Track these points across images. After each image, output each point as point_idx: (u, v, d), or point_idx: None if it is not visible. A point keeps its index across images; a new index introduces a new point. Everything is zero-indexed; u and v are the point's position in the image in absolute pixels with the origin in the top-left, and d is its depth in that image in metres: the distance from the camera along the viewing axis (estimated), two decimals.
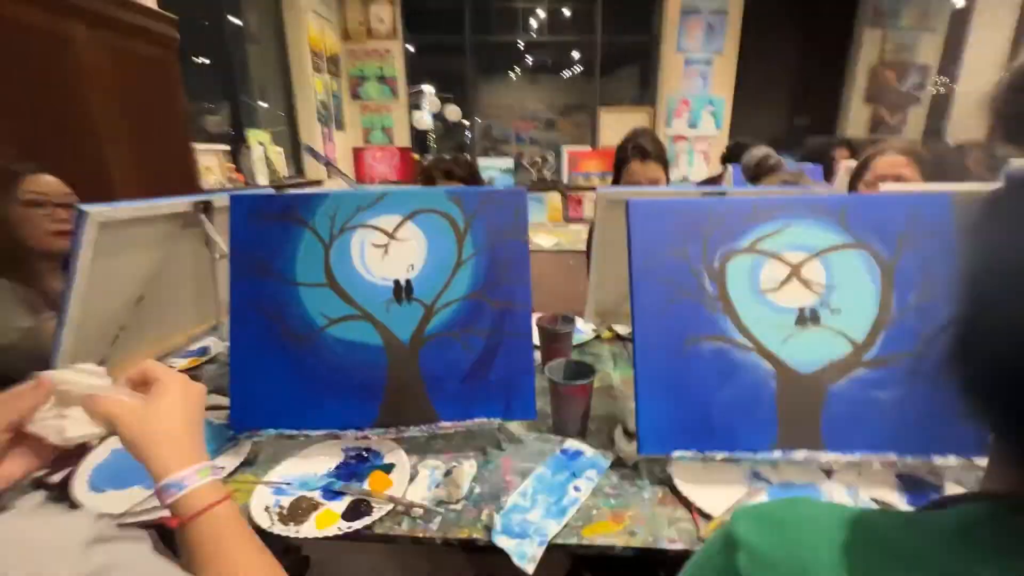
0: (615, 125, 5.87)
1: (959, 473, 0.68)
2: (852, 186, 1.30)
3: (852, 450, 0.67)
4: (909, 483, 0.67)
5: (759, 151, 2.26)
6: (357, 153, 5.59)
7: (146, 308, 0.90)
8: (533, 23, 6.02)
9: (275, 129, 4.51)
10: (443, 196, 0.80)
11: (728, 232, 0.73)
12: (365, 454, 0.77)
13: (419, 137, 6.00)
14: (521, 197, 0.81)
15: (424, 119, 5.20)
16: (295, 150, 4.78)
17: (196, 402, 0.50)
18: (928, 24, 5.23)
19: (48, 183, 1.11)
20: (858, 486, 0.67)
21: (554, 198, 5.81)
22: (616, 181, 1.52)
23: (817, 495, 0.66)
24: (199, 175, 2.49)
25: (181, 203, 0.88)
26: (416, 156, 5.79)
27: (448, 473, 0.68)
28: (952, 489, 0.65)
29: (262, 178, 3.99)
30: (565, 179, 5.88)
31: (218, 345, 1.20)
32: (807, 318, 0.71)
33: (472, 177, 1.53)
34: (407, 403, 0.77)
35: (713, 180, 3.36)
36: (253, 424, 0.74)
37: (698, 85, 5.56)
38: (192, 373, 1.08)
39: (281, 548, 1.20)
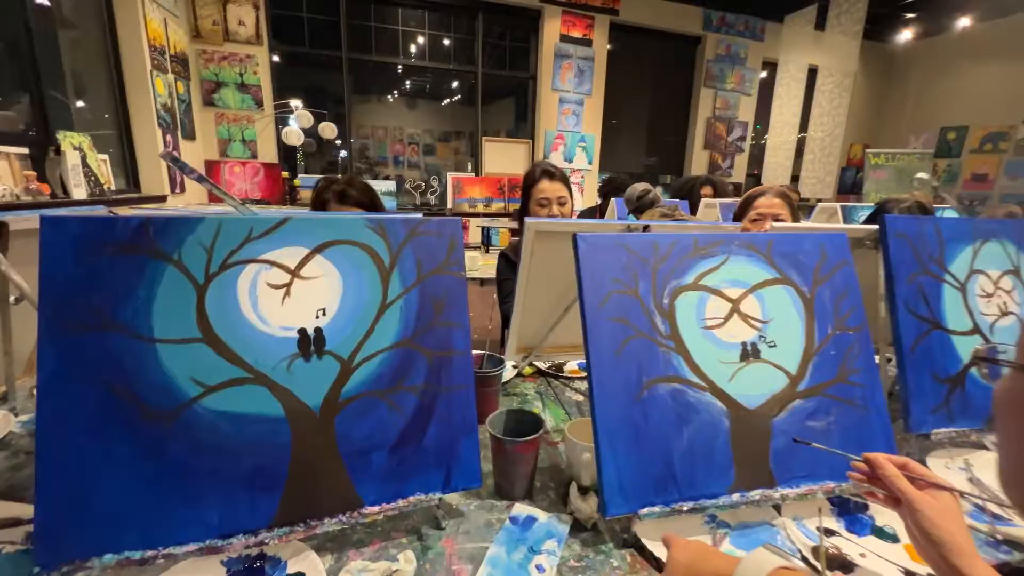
0: (498, 154, 6.03)
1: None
2: (736, 220, 1.45)
3: (798, 483, 0.68)
4: (841, 506, 0.71)
5: (639, 186, 2.45)
6: (211, 166, 4.87)
7: None
8: (413, 48, 5.96)
9: (97, 132, 3.71)
10: (362, 224, 0.66)
11: (674, 267, 0.72)
12: (259, 564, 0.57)
13: (289, 153, 5.46)
14: (455, 227, 0.71)
15: (296, 135, 4.74)
16: (127, 159, 3.99)
17: None
18: (745, 88, 6.39)
19: None
20: (803, 518, 0.68)
21: None
22: (525, 204, 1.55)
23: (773, 535, 0.65)
24: None
25: None
26: (285, 174, 5.25)
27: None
28: (878, 510, 0.70)
29: (79, 190, 3.23)
30: (449, 204, 5.84)
31: (7, 421, 0.85)
32: (749, 352, 0.72)
33: (371, 202, 1.36)
34: (319, 488, 0.59)
35: (592, 211, 3.61)
36: (76, 552, 0.50)
37: (571, 122, 6.01)
38: None
39: None
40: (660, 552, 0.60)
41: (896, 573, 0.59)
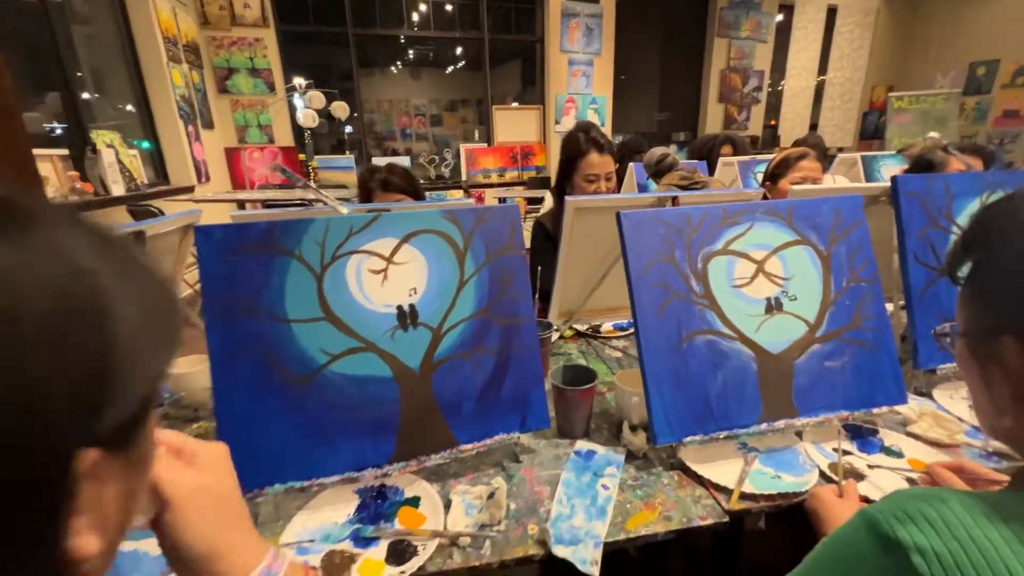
0: (509, 122, 6.00)
1: (888, 418, 0.86)
2: (770, 182, 1.53)
3: (816, 413, 0.80)
4: (854, 432, 0.83)
5: (657, 151, 2.50)
6: (231, 154, 4.98)
7: None
8: (416, 17, 5.87)
9: (119, 123, 3.82)
10: (439, 216, 0.78)
11: (706, 236, 0.82)
12: (383, 491, 0.73)
13: (298, 135, 5.52)
14: (515, 213, 0.82)
15: (311, 116, 4.80)
16: (155, 152, 4.11)
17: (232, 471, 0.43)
18: (760, 35, 6.17)
19: None
20: (821, 442, 0.80)
21: (457, 196, 5.79)
22: (567, 173, 1.49)
23: (795, 456, 0.78)
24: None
25: None
26: (302, 156, 5.34)
27: (491, 496, 0.67)
28: (886, 433, 0.82)
29: (117, 187, 3.38)
30: (463, 176, 5.89)
31: None
32: (773, 306, 0.83)
33: (412, 186, 1.47)
34: (424, 432, 0.74)
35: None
36: (254, 483, 0.66)
37: (582, 84, 5.92)
38: None
39: None
40: (702, 472, 0.74)
41: (900, 479, 0.72)
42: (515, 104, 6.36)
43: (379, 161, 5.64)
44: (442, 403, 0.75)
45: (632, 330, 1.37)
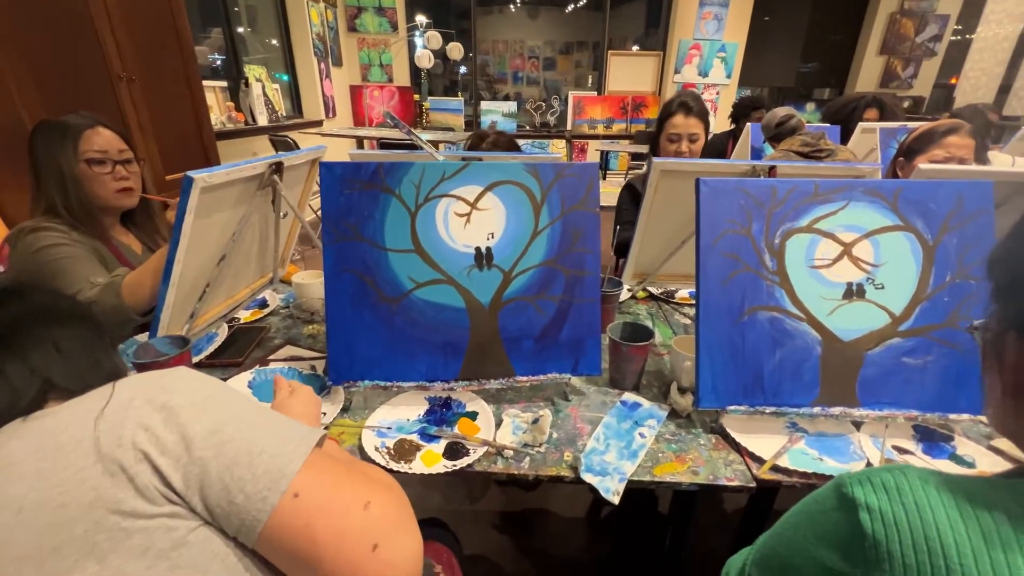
0: (623, 69, 5.66)
1: (968, 427, 0.80)
2: (904, 158, 1.36)
3: (881, 407, 0.78)
4: (924, 434, 0.79)
5: (780, 111, 2.26)
6: (355, 91, 5.36)
7: (224, 265, 0.95)
8: None
9: (265, 56, 4.25)
10: (521, 168, 0.84)
11: (790, 211, 0.80)
12: (447, 402, 0.86)
13: (415, 75, 5.73)
14: (593, 171, 0.86)
15: (427, 57, 4.95)
16: (292, 86, 4.56)
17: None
18: None
19: (107, 139, 1.09)
20: (881, 437, 0.78)
21: (558, 146, 5.72)
22: (658, 133, 1.59)
23: (847, 444, 0.77)
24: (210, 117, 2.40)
25: (260, 164, 0.90)
26: (417, 96, 5.58)
27: (536, 421, 0.77)
28: (962, 442, 0.77)
29: (262, 117, 3.85)
30: (568, 126, 5.75)
31: (273, 298, 1.26)
32: (853, 292, 0.79)
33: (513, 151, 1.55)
34: (487, 359, 0.85)
35: (724, 137, 3.34)
36: (350, 376, 0.82)
37: (712, 29, 5.34)
38: (259, 323, 1.14)
39: None
40: (741, 440, 0.77)
41: None
42: (635, 48, 5.95)
43: (488, 105, 5.72)
44: (505, 337, 0.85)
45: None
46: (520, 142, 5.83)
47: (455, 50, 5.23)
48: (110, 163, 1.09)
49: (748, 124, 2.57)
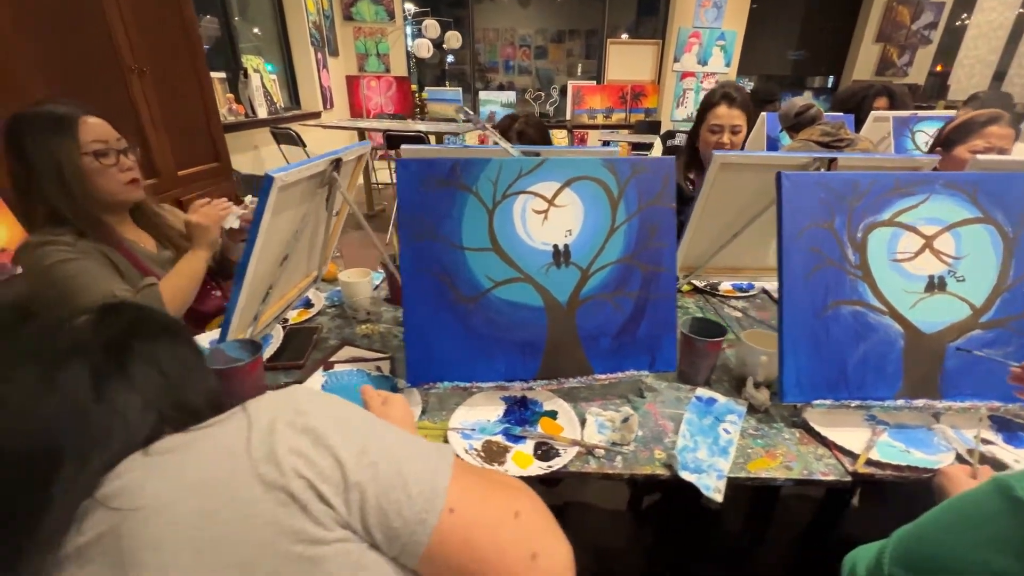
0: (622, 58, 5.63)
1: None
2: (943, 147, 1.36)
3: (963, 398, 0.78)
4: (1001, 424, 0.80)
5: (799, 101, 2.26)
6: (351, 82, 5.25)
7: (285, 264, 0.93)
8: None
9: (257, 45, 4.14)
10: (599, 164, 0.83)
11: (872, 205, 0.79)
12: (523, 401, 0.85)
13: (424, 65, 5.61)
14: (670, 165, 0.85)
15: (425, 46, 4.86)
16: (288, 77, 4.45)
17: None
18: None
19: (103, 127, 0.98)
20: (962, 428, 0.79)
21: (559, 137, 5.68)
22: (698, 122, 1.58)
23: (930, 436, 0.78)
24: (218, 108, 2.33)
25: (323, 162, 0.87)
26: (414, 87, 5.49)
27: (626, 420, 0.77)
28: None
29: (261, 109, 3.75)
30: (568, 115, 5.72)
31: (317, 297, 1.23)
32: (935, 285, 0.79)
33: (544, 138, 1.52)
34: (564, 358, 0.84)
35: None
36: (429, 378, 0.81)
37: (711, 16, 5.33)
38: (308, 324, 1.12)
39: None
40: (827, 434, 0.77)
41: None
42: (624, 37, 5.90)
43: (486, 95, 5.65)
44: (583, 335, 0.84)
45: (752, 292, 1.35)
46: None
47: (453, 39, 5.14)
48: (113, 153, 0.98)
49: (763, 113, 2.57)
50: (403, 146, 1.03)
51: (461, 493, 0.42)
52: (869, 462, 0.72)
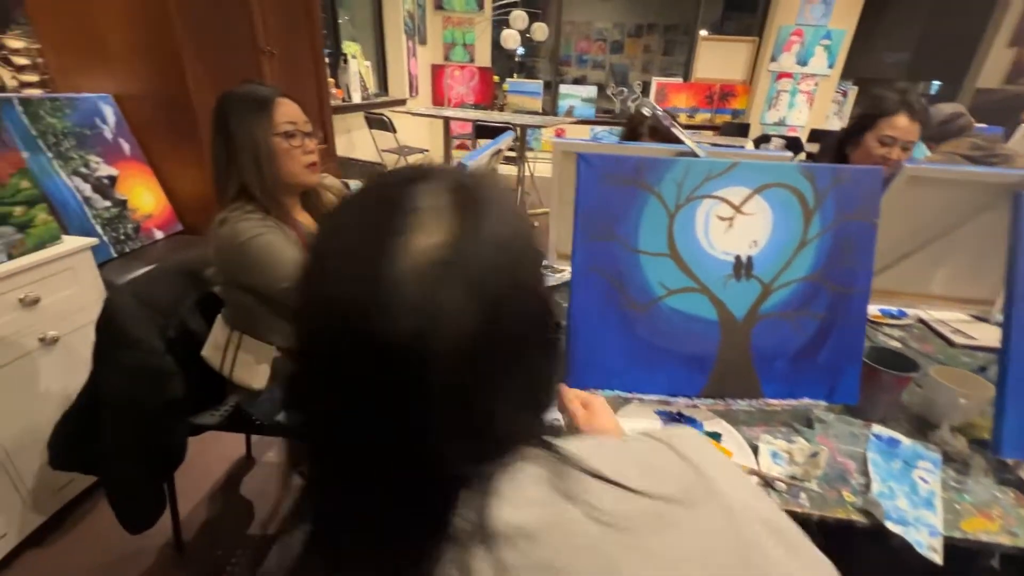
0: (714, 55, 5.35)
1: None
2: None
3: None
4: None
5: (947, 108, 2.04)
6: (436, 70, 5.32)
7: None
8: None
9: (355, 33, 4.26)
10: (795, 170, 0.75)
11: None
12: (681, 418, 0.80)
13: (497, 56, 5.61)
14: (877, 177, 0.76)
15: (513, 37, 4.84)
16: (380, 64, 4.57)
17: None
18: None
19: (295, 110, 1.03)
20: None
21: None
22: (859, 128, 1.35)
23: None
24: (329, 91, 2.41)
25: (486, 153, 0.86)
26: (496, 78, 5.49)
27: (815, 455, 0.70)
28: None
29: (356, 95, 3.87)
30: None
31: None
32: None
33: (667, 135, 1.43)
34: (734, 377, 0.78)
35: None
36: (592, 383, 0.77)
37: (817, 13, 4.94)
38: None
39: None
40: None
41: None
42: (704, 33, 5.58)
43: (566, 89, 5.56)
44: (756, 355, 0.77)
45: (906, 320, 1.22)
46: (597, 129, 5.55)
47: (539, 31, 5.08)
48: (300, 136, 1.03)
49: None
50: (588, 140, 1.00)
51: None
52: None
